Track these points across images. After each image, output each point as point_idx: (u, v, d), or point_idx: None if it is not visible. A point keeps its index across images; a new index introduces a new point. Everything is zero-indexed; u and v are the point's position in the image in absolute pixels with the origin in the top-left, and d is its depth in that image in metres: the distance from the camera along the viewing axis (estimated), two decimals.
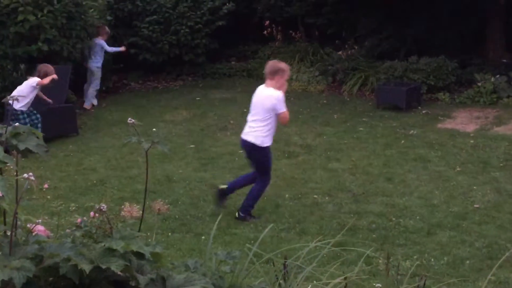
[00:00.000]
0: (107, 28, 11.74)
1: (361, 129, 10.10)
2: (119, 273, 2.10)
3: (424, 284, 2.99)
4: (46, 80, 8.97)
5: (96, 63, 11.60)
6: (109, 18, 12.48)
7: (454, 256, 5.52)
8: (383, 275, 3.77)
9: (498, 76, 11.51)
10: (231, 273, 2.74)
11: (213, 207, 6.81)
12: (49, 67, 9.16)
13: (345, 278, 2.85)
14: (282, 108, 6.27)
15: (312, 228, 6.27)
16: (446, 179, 7.65)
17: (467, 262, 5.39)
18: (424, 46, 12.83)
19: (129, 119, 2.47)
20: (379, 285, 3.53)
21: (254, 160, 6.47)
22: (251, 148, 6.38)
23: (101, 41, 11.56)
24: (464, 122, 10.29)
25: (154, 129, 10.17)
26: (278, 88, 6.32)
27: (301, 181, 7.74)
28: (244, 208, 6.51)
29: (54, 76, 9.06)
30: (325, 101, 12.11)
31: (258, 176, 6.49)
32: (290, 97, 12.42)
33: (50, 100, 9.55)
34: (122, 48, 12.19)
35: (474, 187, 7.31)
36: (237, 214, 6.53)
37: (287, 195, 7.23)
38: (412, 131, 9.86)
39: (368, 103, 11.74)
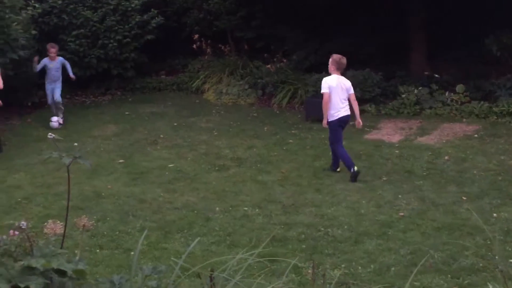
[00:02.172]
0: (48, 46, 11.69)
1: (290, 141, 10.24)
2: None
3: None
4: None
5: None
6: (33, 32, 12.20)
7: (380, 263, 5.66)
8: (311, 284, 3.83)
9: (420, 88, 11.92)
10: None
11: (142, 223, 6.74)
12: None
13: None
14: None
15: (243, 240, 6.29)
16: (372, 188, 7.85)
17: (393, 269, 5.54)
18: (349, 59, 13.12)
19: (49, 134, 2.43)
20: None
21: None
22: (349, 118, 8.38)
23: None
24: (389, 133, 10.60)
25: (75, 144, 9.98)
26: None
27: (231, 194, 7.77)
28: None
29: None
30: (255, 114, 12.21)
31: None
32: (220, 111, 12.51)
33: None
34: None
35: (399, 196, 7.52)
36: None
37: (217, 208, 7.24)
38: None
39: (297, 116, 11.91)
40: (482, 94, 11.62)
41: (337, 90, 8.28)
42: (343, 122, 8.38)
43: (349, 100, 8.42)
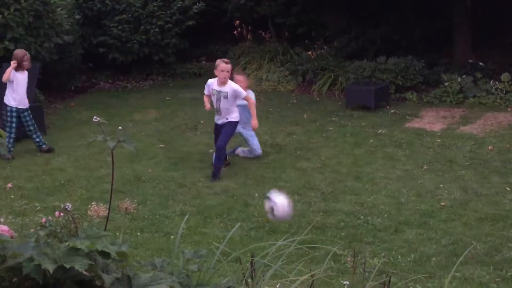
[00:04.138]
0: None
1: (330, 128, 10.17)
2: (84, 272, 2.08)
3: (390, 280, 3.02)
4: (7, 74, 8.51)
5: None
6: (77, 17, 12.37)
7: (420, 253, 5.60)
8: (351, 272, 3.81)
9: (464, 76, 11.69)
10: (198, 272, 2.74)
11: (182, 207, 6.80)
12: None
13: (312, 276, 2.87)
14: None
15: (281, 226, 6.29)
16: (413, 177, 7.75)
17: (433, 259, 5.47)
18: (392, 46, 12.96)
19: (95, 117, 2.46)
20: (347, 282, 3.56)
21: None
22: None
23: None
24: (431, 121, 10.43)
25: (120, 127, 10.10)
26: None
27: (270, 180, 7.77)
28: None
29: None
30: (295, 101, 12.16)
31: None
32: (260, 97, 12.46)
33: None
34: None
35: (441, 186, 7.41)
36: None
37: (256, 194, 7.25)
38: (380, 130, 9.96)
39: (337, 103, 11.82)
40: None
41: None
42: None
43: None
